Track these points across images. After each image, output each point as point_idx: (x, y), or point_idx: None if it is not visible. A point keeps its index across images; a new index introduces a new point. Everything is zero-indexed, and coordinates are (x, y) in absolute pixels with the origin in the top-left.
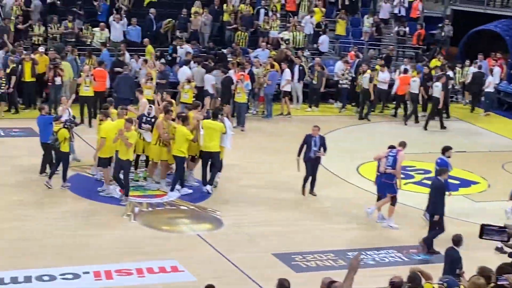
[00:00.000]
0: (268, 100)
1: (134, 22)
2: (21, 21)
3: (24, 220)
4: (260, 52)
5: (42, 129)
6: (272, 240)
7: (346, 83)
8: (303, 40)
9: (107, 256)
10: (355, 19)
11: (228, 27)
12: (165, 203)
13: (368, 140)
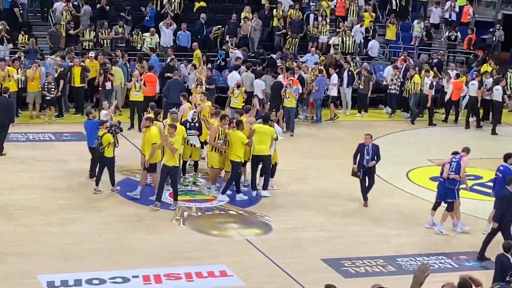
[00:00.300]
0: (317, 105)
1: (184, 27)
2: (72, 27)
3: (73, 224)
4: (309, 57)
5: (89, 133)
6: (321, 245)
7: (395, 88)
8: (352, 45)
9: (156, 260)
10: (405, 24)
11: (277, 33)
12: (214, 207)
13: (418, 146)
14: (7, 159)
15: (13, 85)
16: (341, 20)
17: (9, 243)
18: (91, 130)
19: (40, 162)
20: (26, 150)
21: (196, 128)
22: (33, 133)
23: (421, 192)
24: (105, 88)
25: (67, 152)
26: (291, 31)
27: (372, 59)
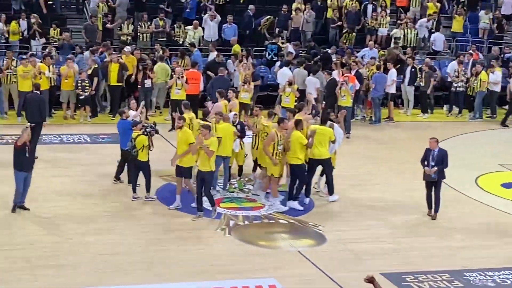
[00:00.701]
0: (375, 105)
1: (230, 20)
2: (109, 20)
3: (110, 233)
4: (367, 52)
5: (121, 134)
6: (380, 259)
7: (462, 85)
8: (415, 39)
9: (199, 273)
10: (474, 15)
11: (332, 25)
12: (263, 216)
13: (487, 149)
14: (39, 163)
15: (45, 83)
16: (402, 10)
17: (41, 254)
18: (124, 131)
19: (75, 166)
20: (59, 153)
21: (238, 131)
22: (67, 135)
23: (491, 200)
24: (145, 86)
25: (104, 155)
26: (347, 23)
27: (437, 53)
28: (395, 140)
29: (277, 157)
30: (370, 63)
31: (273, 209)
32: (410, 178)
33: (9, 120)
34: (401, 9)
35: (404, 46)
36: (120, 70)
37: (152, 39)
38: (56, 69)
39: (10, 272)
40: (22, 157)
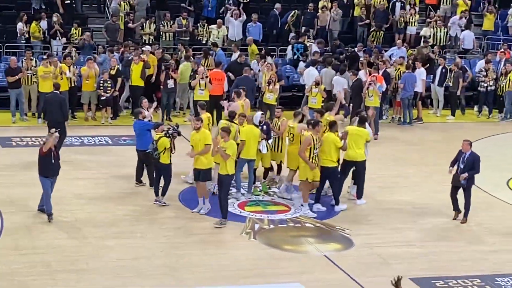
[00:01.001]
0: (405, 105)
1: (254, 19)
2: (131, 19)
3: (132, 237)
4: (395, 51)
5: (138, 134)
6: (409, 263)
7: (490, 85)
8: (444, 37)
9: (223, 277)
10: (505, 12)
11: (359, 23)
12: (289, 219)
13: None
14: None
15: (64, 84)
16: (432, 8)
17: (61, 258)
18: (141, 132)
19: (96, 168)
20: (80, 155)
21: (264, 132)
22: (88, 137)
23: None
24: (167, 87)
25: (125, 157)
26: (375, 22)
27: (466, 52)
28: (424, 142)
29: (314, 161)
30: (398, 62)
31: (299, 212)
32: (439, 181)
33: (29, 122)
34: (431, 6)
35: (433, 45)
36: (143, 69)
37: (175, 38)
38: (77, 69)
39: (30, 277)
40: (47, 163)
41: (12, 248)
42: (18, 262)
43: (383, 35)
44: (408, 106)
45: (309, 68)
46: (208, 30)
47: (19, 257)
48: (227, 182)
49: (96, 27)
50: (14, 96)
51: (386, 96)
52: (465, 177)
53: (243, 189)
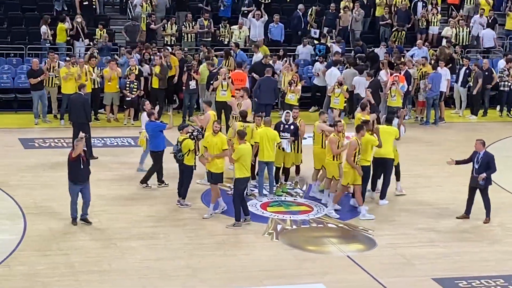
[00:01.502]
0: (429, 105)
1: (276, 19)
2: (154, 20)
3: (155, 237)
4: (416, 51)
5: (151, 135)
6: (432, 263)
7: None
8: (467, 37)
9: (246, 278)
10: None
11: (381, 22)
12: (311, 220)
13: None
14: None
15: (88, 85)
16: (454, 8)
17: (85, 260)
18: (154, 133)
19: (119, 170)
20: (103, 156)
21: (291, 131)
22: (111, 138)
23: None
24: (189, 88)
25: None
26: (397, 22)
27: (488, 51)
28: (446, 142)
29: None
30: (420, 62)
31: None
32: (462, 181)
33: (51, 123)
34: (453, 6)
35: (456, 45)
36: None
37: (197, 39)
38: (99, 71)
39: (53, 278)
40: (76, 169)
41: (35, 249)
42: (41, 263)
43: (405, 35)
44: (433, 106)
45: (331, 69)
46: (230, 31)
47: (42, 258)
48: (237, 185)
49: (117, 29)
50: (37, 97)
51: (408, 97)
52: (483, 178)
53: (266, 190)
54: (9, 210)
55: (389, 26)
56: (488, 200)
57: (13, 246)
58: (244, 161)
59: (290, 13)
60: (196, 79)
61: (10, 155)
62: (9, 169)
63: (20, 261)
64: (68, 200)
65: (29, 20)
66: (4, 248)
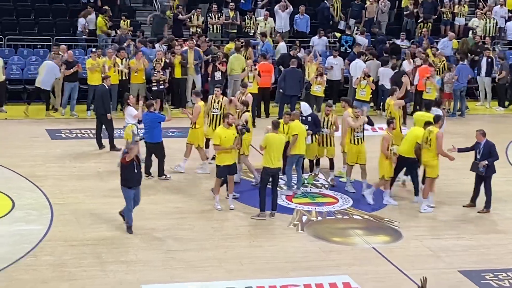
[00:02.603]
0: (456, 97)
1: (302, 10)
2: (180, 11)
3: (181, 229)
4: (446, 43)
5: (148, 127)
6: (458, 256)
7: None
8: (494, 29)
9: (271, 269)
10: None
11: (405, 12)
12: (337, 211)
13: None
14: (108, 157)
15: (115, 77)
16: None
17: (111, 250)
18: (152, 124)
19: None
20: None
21: (310, 124)
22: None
23: None
24: (214, 79)
25: (173, 149)
26: (423, 13)
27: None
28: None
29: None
30: (441, 54)
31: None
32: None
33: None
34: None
35: (485, 36)
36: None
37: (222, 30)
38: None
39: (80, 268)
40: (131, 173)
41: (62, 240)
42: (68, 253)
43: (431, 26)
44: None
45: (355, 60)
46: (256, 22)
47: (69, 248)
48: (262, 174)
49: (143, 20)
50: (69, 89)
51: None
52: (484, 165)
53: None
54: (36, 200)
55: (413, 17)
56: (489, 190)
57: (40, 236)
58: (271, 151)
59: (315, 5)
60: (221, 70)
61: (37, 145)
62: (36, 159)
63: (47, 251)
64: (94, 192)
65: (56, 11)
66: (31, 238)
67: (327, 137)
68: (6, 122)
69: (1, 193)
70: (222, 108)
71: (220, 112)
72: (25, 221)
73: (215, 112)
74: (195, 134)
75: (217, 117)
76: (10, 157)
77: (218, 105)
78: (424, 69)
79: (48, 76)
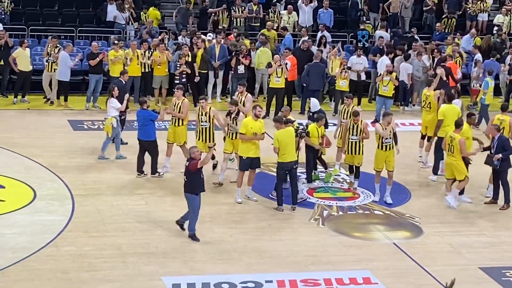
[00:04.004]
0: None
1: (326, 5)
2: (207, 4)
3: (201, 221)
4: (468, 39)
5: (141, 124)
6: (479, 252)
7: None
8: None
9: (291, 264)
10: None
11: (425, 8)
12: (357, 207)
13: None
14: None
15: (138, 69)
16: None
17: (132, 242)
18: (145, 121)
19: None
20: None
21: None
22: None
23: None
24: (237, 73)
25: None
26: (447, 8)
27: None
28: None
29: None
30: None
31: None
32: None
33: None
34: None
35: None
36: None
37: (245, 24)
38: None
39: (100, 259)
40: (199, 179)
41: (83, 230)
42: (89, 244)
43: (455, 22)
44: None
45: (382, 57)
46: (279, 16)
47: (89, 239)
48: (277, 169)
49: (167, 12)
50: (94, 81)
51: None
52: (498, 158)
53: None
54: (58, 191)
55: (433, 13)
56: (506, 184)
57: (61, 226)
58: (283, 147)
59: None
60: (245, 63)
61: (60, 136)
62: (58, 150)
63: (68, 241)
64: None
65: (80, 2)
66: (52, 228)
67: (356, 144)
68: (29, 113)
69: (23, 183)
70: (211, 120)
71: (209, 124)
72: (46, 212)
73: (204, 125)
74: (178, 132)
75: (206, 130)
76: (32, 148)
77: (206, 117)
78: (452, 64)
79: (63, 67)
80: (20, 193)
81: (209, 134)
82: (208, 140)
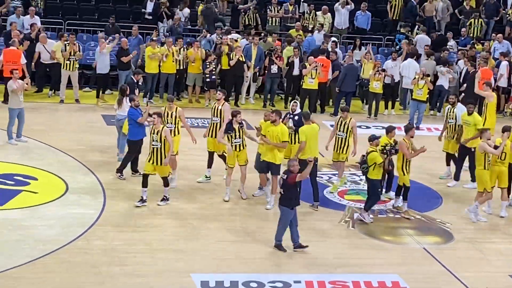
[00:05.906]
0: None
1: (363, 7)
2: (238, 2)
3: (231, 220)
4: (496, 45)
5: (131, 124)
6: (510, 260)
7: None
8: None
9: (320, 265)
10: None
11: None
12: (388, 210)
13: None
14: None
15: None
16: None
17: (162, 238)
18: (129, 120)
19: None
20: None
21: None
22: (192, 119)
23: None
24: (271, 72)
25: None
26: (484, 14)
27: None
28: None
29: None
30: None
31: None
32: None
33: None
34: None
35: None
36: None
37: (281, 24)
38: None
39: (130, 254)
40: (296, 193)
41: (113, 225)
42: (119, 239)
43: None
44: None
45: (408, 60)
46: (315, 17)
47: (120, 234)
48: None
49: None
50: (124, 77)
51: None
52: None
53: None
54: (90, 185)
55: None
56: None
57: (92, 220)
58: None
59: (377, 2)
60: (278, 64)
61: (93, 131)
62: (91, 144)
63: (98, 235)
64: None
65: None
66: (83, 222)
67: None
68: (62, 107)
69: (56, 176)
70: (163, 141)
71: (160, 144)
72: (78, 205)
73: (155, 145)
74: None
75: (157, 150)
76: (65, 141)
77: (157, 136)
78: (485, 70)
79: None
80: (53, 186)
81: (160, 153)
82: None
